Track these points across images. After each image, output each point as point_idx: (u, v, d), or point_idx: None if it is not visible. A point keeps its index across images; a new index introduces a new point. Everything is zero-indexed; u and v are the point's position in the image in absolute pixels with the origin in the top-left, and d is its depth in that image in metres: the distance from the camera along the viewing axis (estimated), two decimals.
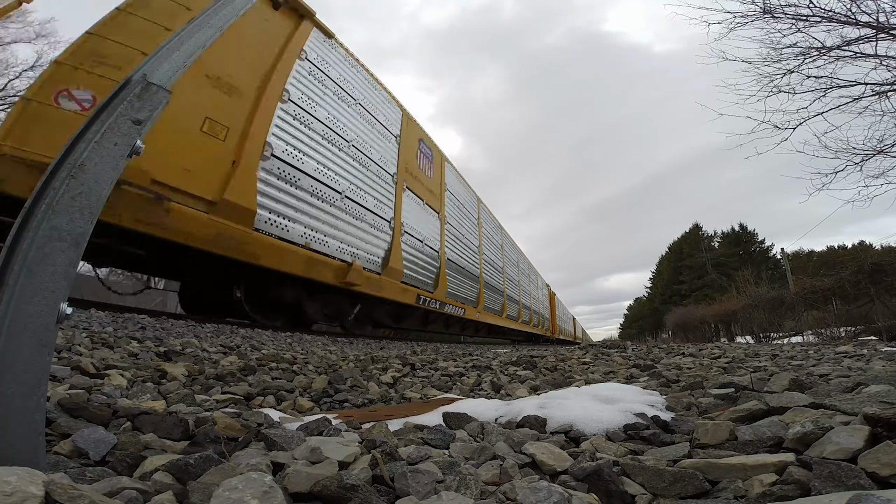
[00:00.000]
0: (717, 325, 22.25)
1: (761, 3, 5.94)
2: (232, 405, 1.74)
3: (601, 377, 2.83)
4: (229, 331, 4.32)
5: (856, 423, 0.92)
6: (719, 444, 1.06)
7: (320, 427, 1.23)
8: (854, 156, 6.17)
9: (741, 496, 0.79)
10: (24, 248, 0.74)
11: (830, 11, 5.65)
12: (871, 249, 19.71)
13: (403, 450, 1.05)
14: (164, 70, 1.01)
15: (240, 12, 1.28)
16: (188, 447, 1.07)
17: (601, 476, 0.86)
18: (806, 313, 14.37)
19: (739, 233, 49.29)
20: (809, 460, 0.82)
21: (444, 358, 4.47)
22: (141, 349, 2.62)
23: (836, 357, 3.69)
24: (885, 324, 9.88)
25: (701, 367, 3.16)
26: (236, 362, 2.68)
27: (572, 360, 4.03)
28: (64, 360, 1.91)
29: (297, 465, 0.88)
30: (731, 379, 2.03)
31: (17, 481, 0.56)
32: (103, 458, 0.94)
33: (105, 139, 0.86)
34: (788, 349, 5.88)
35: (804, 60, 5.99)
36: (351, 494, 0.72)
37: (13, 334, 0.69)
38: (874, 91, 5.84)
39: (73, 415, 1.20)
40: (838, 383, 1.63)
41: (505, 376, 3.01)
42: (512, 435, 1.21)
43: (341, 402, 2.05)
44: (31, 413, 0.71)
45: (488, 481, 0.91)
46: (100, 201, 0.83)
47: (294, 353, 3.57)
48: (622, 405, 1.48)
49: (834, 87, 5.97)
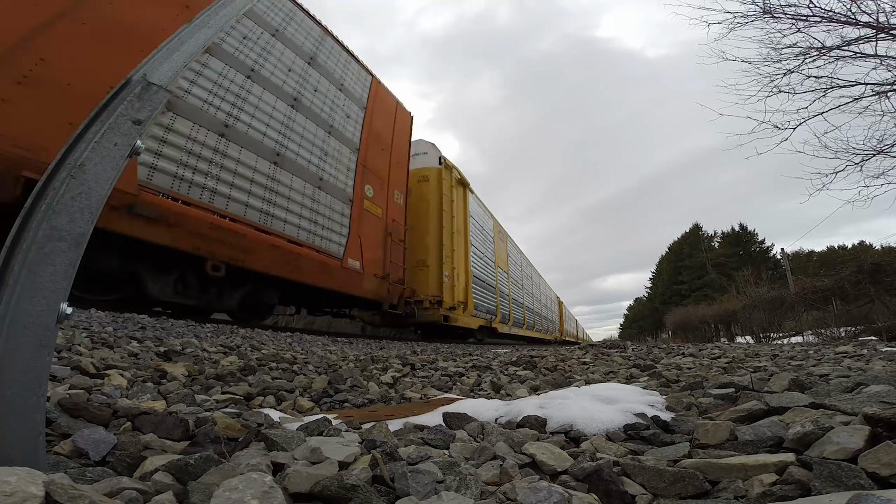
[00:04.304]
0: (717, 325, 22.25)
1: (761, 3, 5.94)
2: (232, 405, 1.74)
3: (601, 377, 2.83)
4: (229, 331, 4.32)
5: (856, 423, 0.92)
6: (719, 444, 1.06)
7: (320, 427, 1.23)
8: (854, 156, 6.16)
9: (741, 496, 0.79)
10: (24, 248, 0.74)
11: (830, 11, 5.65)
12: (871, 249, 19.71)
13: (403, 450, 1.05)
14: (164, 70, 1.01)
15: (240, 12, 1.28)
16: (188, 447, 1.07)
17: (601, 476, 0.86)
18: (806, 313, 14.37)
19: (739, 233, 49.26)
20: (809, 460, 0.82)
21: (444, 358, 4.47)
22: (141, 349, 2.62)
23: (836, 357, 3.70)
24: (885, 324, 9.88)
25: (701, 368, 3.16)
26: (236, 362, 2.68)
27: (572, 360, 4.03)
28: (64, 360, 1.91)
29: (297, 465, 0.88)
30: (731, 379, 2.03)
31: (17, 481, 0.56)
32: (103, 459, 0.94)
33: (105, 139, 0.86)
34: (788, 349, 5.88)
35: (804, 60, 5.98)
36: (351, 494, 0.72)
37: (13, 334, 0.69)
38: (874, 91, 5.83)
39: (73, 415, 1.20)
40: (838, 383, 1.63)
41: (505, 376, 3.01)
42: (512, 435, 1.21)
43: (341, 402, 2.05)
44: (31, 413, 0.71)
45: (488, 481, 0.91)
46: (100, 201, 0.83)
47: (294, 353, 3.57)
48: (622, 405, 1.48)
49: (834, 87, 5.96)
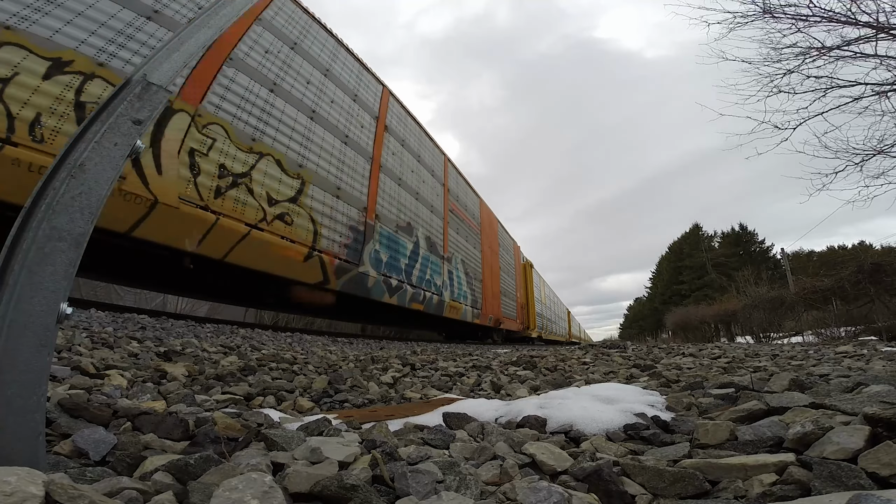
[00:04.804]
0: (717, 325, 22.25)
1: (761, 3, 5.93)
2: (232, 405, 1.74)
3: (601, 377, 2.83)
4: (229, 331, 4.32)
5: (856, 423, 0.92)
6: (719, 444, 1.06)
7: (320, 427, 1.23)
8: (854, 156, 6.15)
9: (741, 496, 0.79)
10: (24, 248, 0.74)
11: (830, 11, 5.64)
12: (871, 249, 19.69)
13: (403, 450, 1.05)
14: (164, 70, 1.01)
15: (240, 12, 1.28)
16: (188, 447, 1.07)
17: (601, 476, 0.86)
18: (806, 313, 14.36)
19: (739, 233, 49.21)
20: (809, 460, 0.82)
21: (444, 358, 4.47)
22: (141, 349, 2.62)
23: (836, 357, 3.69)
24: (885, 324, 9.87)
25: (701, 367, 3.16)
26: (236, 362, 2.68)
27: (572, 360, 4.03)
28: (64, 360, 1.91)
29: (297, 465, 0.88)
30: (731, 379, 2.03)
31: (17, 481, 0.56)
32: (103, 459, 0.94)
33: (105, 139, 0.86)
34: (788, 349, 5.88)
35: (804, 60, 5.98)
36: (351, 494, 0.72)
37: (13, 334, 0.69)
38: (874, 91, 5.83)
39: (73, 415, 1.20)
40: (838, 383, 1.63)
41: (505, 376, 3.01)
42: (512, 435, 1.21)
43: (341, 403, 2.05)
44: (31, 413, 0.71)
45: (488, 481, 0.91)
46: (100, 201, 0.83)
47: (294, 353, 3.57)
48: (622, 405, 1.48)
49: (834, 87, 5.96)
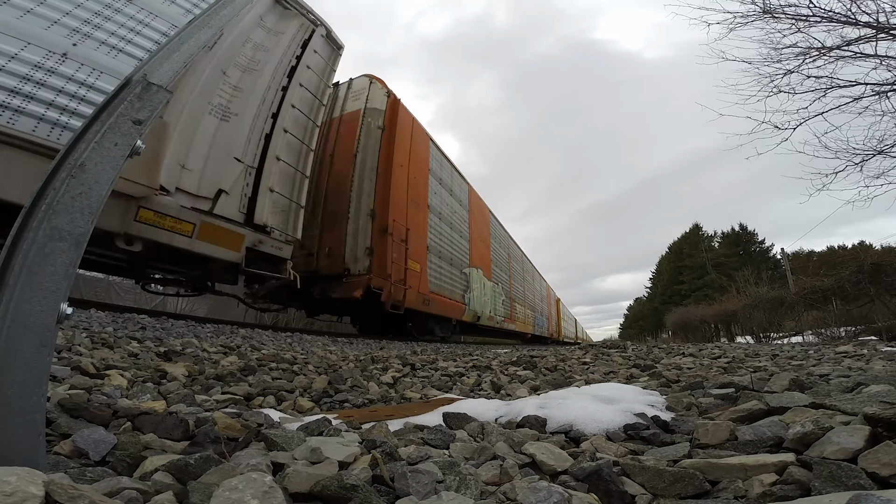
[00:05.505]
0: (717, 325, 22.24)
1: (761, 3, 5.93)
2: (232, 405, 1.74)
3: (601, 377, 2.83)
4: (229, 331, 4.33)
5: (856, 423, 0.92)
6: (719, 444, 1.06)
7: (320, 427, 1.23)
8: (854, 156, 6.14)
9: (741, 496, 0.79)
10: (25, 248, 0.74)
11: (830, 11, 5.64)
12: (871, 249, 19.68)
13: (403, 450, 1.05)
14: (164, 70, 1.01)
15: (239, 12, 1.28)
16: (188, 447, 1.06)
17: (601, 476, 0.86)
18: (806, 313, 14.35)
19: (739, 233, 49.20)
20: (809, 460, 0.82)
21: (444, 358, 4.47)
22: (141, 349, 2.62)
23: (836, 357, 3.69)
24: (885, 324, 9.86)
25: (701, 367, 3.16)
26: (236, 362, 2.68)
27: (572, 360, 4.03)
28: (64, 360, 1.91)
29: (297, 465, 0.88)
30: (731, 379, 2.03)
31: (17, 481, 0.56)
32: (103, 459, 0.94)
33: (105, 139, 0.86)
34: (788, 349, 5.88)
35: (804, 60, 5.97)
36: (351, 494, 0.72)
37: (13, 334, 0.69)
38: (874, 91, 5.82)
39: (73, 415, 1.20)
40: (838, 383, 1.63)
41: (505, 376, 3.01)
42: (512, 435, 1.21)
43: (341, 403, 2.05)
44: (31, 413, 0.71)
45: (488, 481, 0.91)
46: (100, 201, 0.83)
47: (294, 353, 3.57)
48: (622, 405, 1.48)
49: (834, 87, 5.95)
